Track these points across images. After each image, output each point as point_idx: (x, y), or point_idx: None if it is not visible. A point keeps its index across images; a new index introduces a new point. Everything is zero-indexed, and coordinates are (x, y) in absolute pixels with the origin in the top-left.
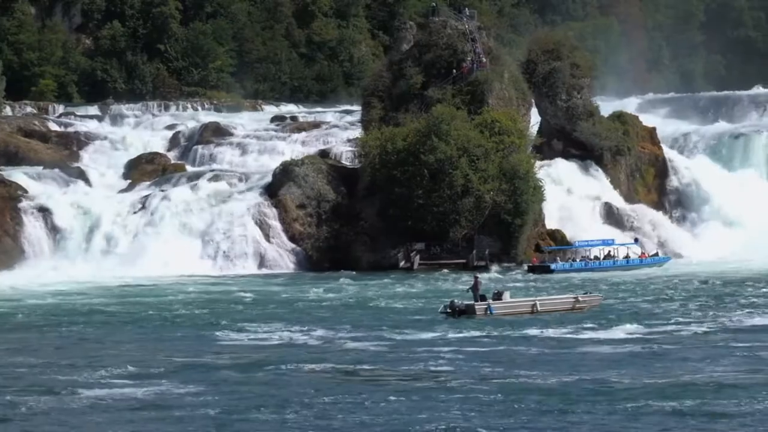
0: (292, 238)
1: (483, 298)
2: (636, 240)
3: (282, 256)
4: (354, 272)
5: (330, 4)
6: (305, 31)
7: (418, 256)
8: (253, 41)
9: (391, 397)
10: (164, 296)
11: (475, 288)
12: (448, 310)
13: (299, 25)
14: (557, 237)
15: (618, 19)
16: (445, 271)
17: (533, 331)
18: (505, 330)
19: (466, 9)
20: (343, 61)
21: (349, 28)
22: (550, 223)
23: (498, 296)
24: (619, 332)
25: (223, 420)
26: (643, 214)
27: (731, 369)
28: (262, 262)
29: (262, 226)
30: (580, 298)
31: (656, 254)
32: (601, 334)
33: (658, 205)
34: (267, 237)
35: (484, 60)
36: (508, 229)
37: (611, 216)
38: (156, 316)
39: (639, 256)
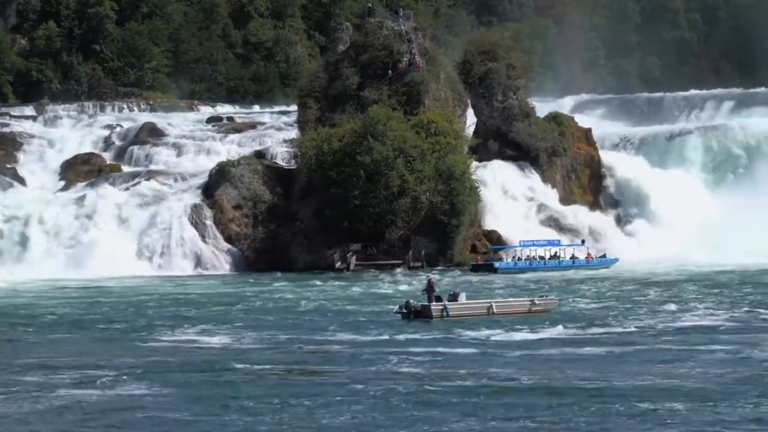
0: (228, 239)
1: (439, 299)
2: (583, 241)
3: (218, 257)
4: (291, 273)
5: (266, 4)
6: (241, 31)
7: (354, 257)
8: (189, 42)
9: (348, 399)
10: (101, 297)
11: (429, 289)
12: (404, 311)
13: (235, 25)
14: (493, 237)
15: (554, 20)
16: (398, 270)
17: (489, 333)
18: (461, 331)
19: (402, 10)
20: (280, 61)
21: (285, 29)
22: (486, 224)
23: (454, 297)
24: (570, 333)
25: (186, 422)
26: (579, 214)
27: (685, 371)
28: (198, 262)
29: (198, 226)
30: (536, 301)
31: (603, 255)
32: (554, 336)
33: (594, 206)
34: (203, 238)
35: (420, 61)
36: (444, 229)
37: (547, 217)
38: (95, 317)
39: (585, 257)
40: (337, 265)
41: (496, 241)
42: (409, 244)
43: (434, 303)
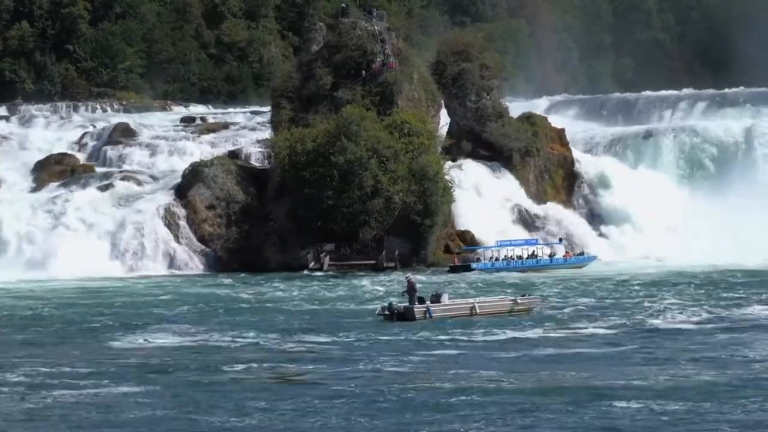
0: (201, 239)
1: (421, 300)
2: (560, 240)
3: (191, 257)
4: (265, 273)
5: (239, 5)
6: (215, 31)
7: (327, 257)
8: (162, 42)
9: (334, 401)
10: (75, 298)
11: (410, 291)
12: (386, 313)
13: (209, 25)
14: (467, 238)
15: (527, 20)
16: (362, 274)
17: (473, 333)
18: (445, 332)
19: (375, 10)
20: (253, 62)
21: (258, 29)
22: (459, 224)
23: (436, 298)
24: (552, 332)
25: (174, 423)
26: (552, 215)
27: (667, 372)
28: (171, 263)
29: (172, 227)
30: (518, 300)
31: (582, 253)
32: (537, 335)
33: (567, 206)
34: (176, 238)
35: (393, 61)
36: (417, 229)
37: (520, 217)
38: (69, 318)
39: (564, 256)
40: (311, 265)
41: (469, 241)
42: (383, 244)
43: (417, 305)
